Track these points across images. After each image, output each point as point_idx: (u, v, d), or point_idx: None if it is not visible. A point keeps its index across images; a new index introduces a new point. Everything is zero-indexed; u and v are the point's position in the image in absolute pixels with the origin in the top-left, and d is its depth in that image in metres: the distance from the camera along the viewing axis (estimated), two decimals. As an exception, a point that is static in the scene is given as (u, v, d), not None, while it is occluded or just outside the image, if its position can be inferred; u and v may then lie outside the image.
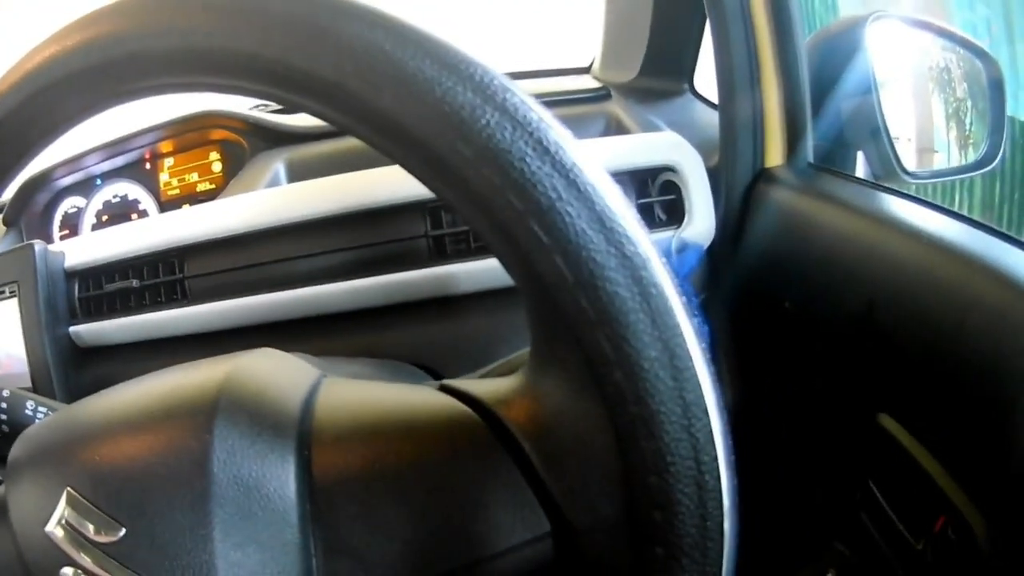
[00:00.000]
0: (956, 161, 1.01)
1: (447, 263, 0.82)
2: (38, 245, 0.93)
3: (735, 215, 0.93)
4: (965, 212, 0.70)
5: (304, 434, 0.37)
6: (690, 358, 0.28)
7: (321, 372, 0.43)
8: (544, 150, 0.28)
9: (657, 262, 0.28)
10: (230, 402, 0.36)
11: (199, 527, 0.34)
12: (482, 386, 0.37)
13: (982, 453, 0.61)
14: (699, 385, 0.28)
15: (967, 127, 1.00)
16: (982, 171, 0.96)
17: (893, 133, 0.94)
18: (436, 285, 0.83)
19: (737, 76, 0.92)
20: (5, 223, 1.25)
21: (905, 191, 0.78)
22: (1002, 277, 0.59)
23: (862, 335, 0.75)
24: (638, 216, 0.29)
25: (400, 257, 0.83)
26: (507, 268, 0.31)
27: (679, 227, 0.86)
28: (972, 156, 0.98)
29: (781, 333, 0.90)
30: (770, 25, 0.89)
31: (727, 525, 0.30)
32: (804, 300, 0.84)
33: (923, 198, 0.74)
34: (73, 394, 0.94)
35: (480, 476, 0.35)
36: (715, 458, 0.29)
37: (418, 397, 0.38)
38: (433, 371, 0.82)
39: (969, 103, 0.99)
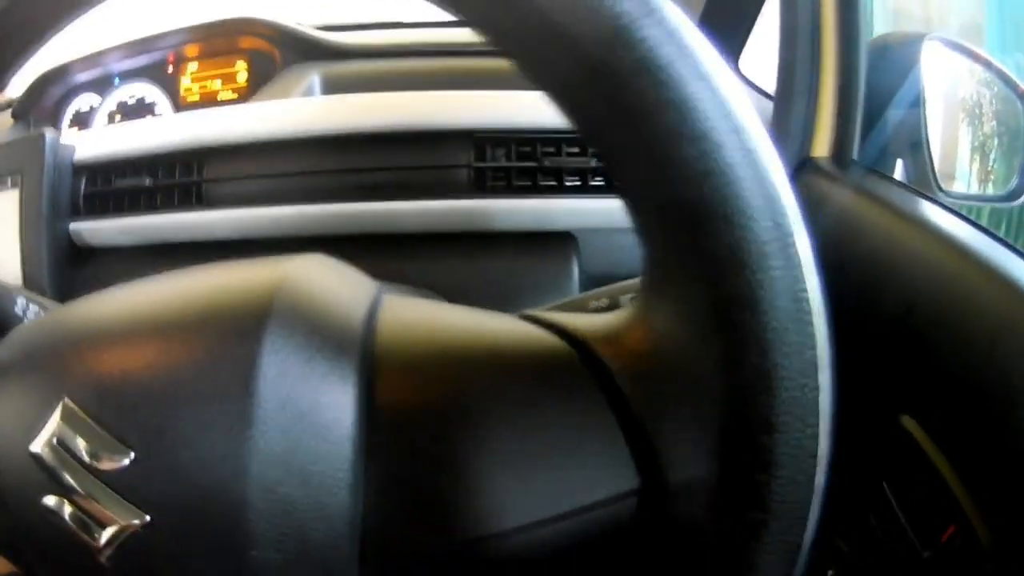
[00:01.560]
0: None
1: (485, 197, 0.79)
2: (49, 134, 0.89)
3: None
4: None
5: (367, 355, 0.32)
6: (816, 314, 0.27)
7: (380, 286, 0.38)
8: (700, 74, 0.26)
9: (795, 208, 0.27)
10: (286, 307, 0.31)
11: (233, 457, 0.29)
12: (573, 319, 0.33)
13: (1000, 470, 0.60)
14: (818, 343, 0.27)
15: (990, 162, 1.01)
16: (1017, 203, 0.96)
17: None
18: (470, 218, 0.80)
19: (798, 62, 0.91)
20: (14, 116, 1.22)
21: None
22: None
23: (896, 336, 0.74)
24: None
25: (437, 185, 0.80)
26: (632, 194, 0.29)
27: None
28: (991, 190, 0.99)
29: None
30: (836, 14, 0.88)
31: (816, 493, 0.29)
32: (840, 292, 0.82)
33: (965, 215, 0.73)
34: (64, 298, 0.90)
35: (572, 419, 0.31)
36: (818, 422, 0.27)
37: (501, 323, 0.35)
38: None
39: (995, 140, 1.00)
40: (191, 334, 0.31)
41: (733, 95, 0.27)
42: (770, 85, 1.02)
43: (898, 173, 0.95)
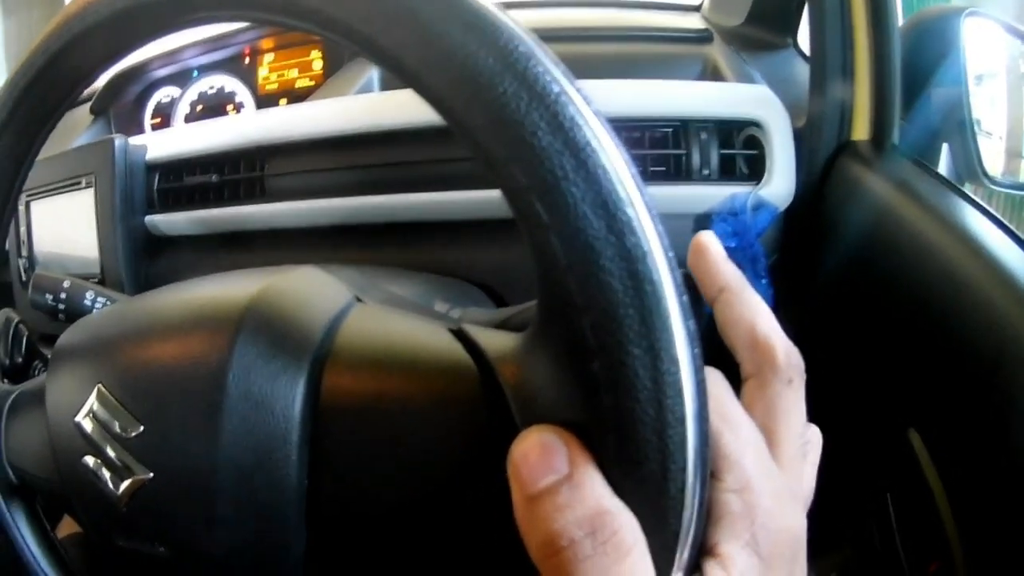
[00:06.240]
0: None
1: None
2: (118, 140, 0.97)
3: (815, 182, 0.90)
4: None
5: (320, 357, 0.38)
6: (675, 362, 0.27)
7: (354, 296, 0.44)
8: (558, 125, 0.26)
9: (660, 257, 0.27)
10: (255, 320, 0.38)
11: (208, 434, 0.36)
12: (493, 338, 0.36)
13: (988, 497, 0.60)
14: (679, 392, 0.27)
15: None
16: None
17: (986, 128, 0.92)
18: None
19: (829, 42, 0.89)
20: (92, 112, 1.27)
21: (980, 200, 0.75)
22: None
23: (907, 339, 0.74)
24: (652, 205, 0.27)
25: (483, 176, 0.81)
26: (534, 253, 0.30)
27: (759, 184, 0.85)
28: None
29: (837, 315, 0.89)
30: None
31: (684, 526, 0.29)
32: (863, 286, 0.83)
33: (998, 216, 0.71)
34: (142, 282, 0.99)
35: (460, 429, 0.35)
36: (683, 469, 0.28)
37: (430, 337, 0.39)
38: (497, 294, 0.83)
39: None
40: (185, 337, 0.39)
41: (593, 145, 0.26)
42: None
43: (945, 156, 0.92)
